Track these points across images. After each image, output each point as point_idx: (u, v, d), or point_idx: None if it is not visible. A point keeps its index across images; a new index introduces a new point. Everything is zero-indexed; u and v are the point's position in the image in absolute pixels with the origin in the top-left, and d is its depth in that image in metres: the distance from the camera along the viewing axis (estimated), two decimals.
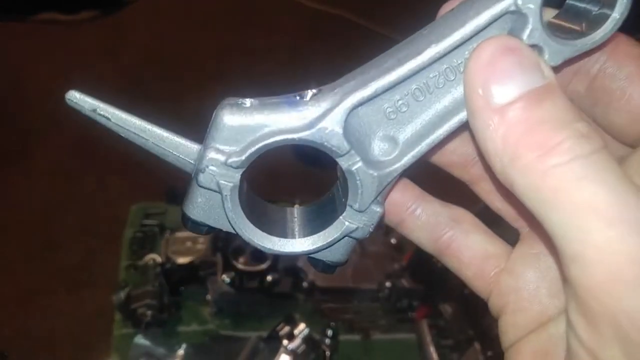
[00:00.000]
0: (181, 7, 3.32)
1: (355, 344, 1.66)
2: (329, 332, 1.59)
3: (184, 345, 1.60)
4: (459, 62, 0.41)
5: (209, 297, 1.70)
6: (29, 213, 2.31)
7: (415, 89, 0.41)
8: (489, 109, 0.35)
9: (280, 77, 2.73)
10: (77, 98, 0.42)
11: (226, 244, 1.67)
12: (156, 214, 1.87)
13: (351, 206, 0.43)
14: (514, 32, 0.39)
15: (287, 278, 1.68)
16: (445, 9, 0.43)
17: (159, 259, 1.71)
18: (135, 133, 0.43)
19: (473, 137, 0.38)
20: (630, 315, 0.31)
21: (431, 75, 0.41)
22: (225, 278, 1.63)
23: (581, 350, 0.34)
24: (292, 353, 1.52)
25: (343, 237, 0.45)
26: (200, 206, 0.44)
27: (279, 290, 1.67)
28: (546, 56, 0.38)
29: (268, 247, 0.45)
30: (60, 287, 2.08)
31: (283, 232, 0.47)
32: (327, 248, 0.46)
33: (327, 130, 0.40)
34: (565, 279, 0.34)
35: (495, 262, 0.48)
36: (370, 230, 0.45)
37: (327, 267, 0.47)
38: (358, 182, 0.42)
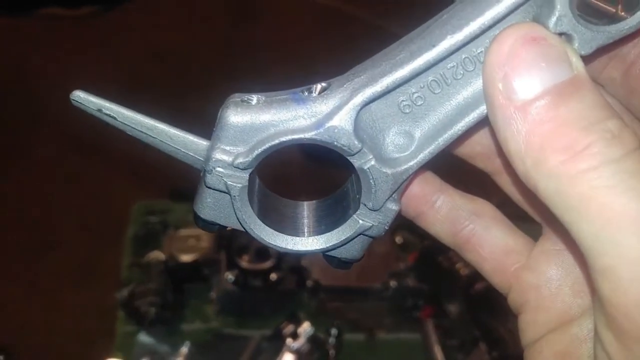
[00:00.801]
0: (183, 1, 3.30)
1: (360, 344, 1.65)
2: (333, 331, 1.57)
3: (187, 344, 1.60)
4: (479, 51, 0.38)
5: (212, 295, 1.69)
6: (32, 210, 2.30)
7: (431, 80, 0.39)
8: (510, 105, 0.33)
9: (287, 72, 2.72)
10: (81, 98, 0.41)
11: (230, 242, 1.66)
12: (160, 211, 1.87)
13: (365, 204, 0.42)
14: (540, 19, 0.36)
15: (291, 276, 1.67)
16: None
17: (162, 256, 1.70)
18: (142, 131, 0.42)
19: (493, 132, 0.36)
20: None
21: (449, 66, 0.39)
22: (229, 276, 1.63)
23: None
24: (296, 352, 1.51)
25: (357, 236, 0.44)
26: (210, 206, 0.43)
27: (283, 288, 1.66)
28: (576, 44, 0.35)
29: (280, 245, 0.44)
30: (64, 284, 2.08)
31: (295, 229, 0.45)
32: (340, 247, 0.44)
33: (337, 129, 0.39)
34: (593, 291, 0.33)
35: (516, 258, 0.47)
36: (386, 228, 0.43)
37: (342, 264, 0.46)
38: (371, 181, 0.41)
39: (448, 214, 0.47)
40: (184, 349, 1.59)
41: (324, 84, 0.40)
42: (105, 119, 0.42)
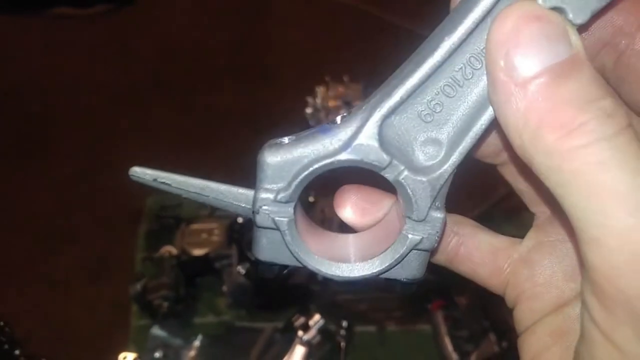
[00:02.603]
0: (194, 0, 3.32)
1: (371, 335, 1.66)
2: (344, 323, 1.59)
3: (200, 337, 1.62)
4: (482, 47, 0.39)
5: (224, 288, 1.71)
6: (47, 205, 2.33)
7: (444, 85, 0.40)
8: (511, 82, 0.33)
9: (296, 70, 2.73)
10: (138, 172, 0.46)
11: (241, 236, 1.68)
12: (172, 206, 1.89)
13: (410, 217, 0.42)
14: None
15: (302, 269, 1.67)
16: None
17: (174, 250, 1.72)
18: (195, 192, 0.45)
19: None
20: None
21: (456, 69, 0.40)
22: (241, 269, 1.64)
23: (595, 331, 0.34)
24: (307, 344, 1.53)
25: (410, 251, 0.44)
26: (266, 247, 0.45)
27: (294, 281, 1.67)
28: (570, 16, 0.35)
29: (337, 274, 0.45)
30: (78, 278, 2.10)
31: (347, 257, 0.46)
32: (396, 266, 0.45)
33: (364, 147, 0.40)
34: (581, 261, 0.34)
35: (506, 253, 0.48)
36: (437, 238, 0.43)
37: (405, 286, 0.46)
38: (409, 191, 0.41)
39: None
40: (197, 342, 1.61)
41: (345, 114, 0.42)
42: (161, 187, 0.45)
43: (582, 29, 0.36)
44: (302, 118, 1.88)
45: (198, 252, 1.70)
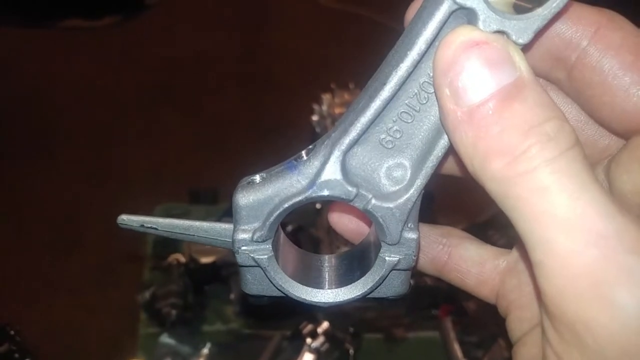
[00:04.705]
0: (200, 10, 3.34)
1: (379, 342, 1.65)
2: (352, 330, 1.58)
3: (208, 344, 1.62)
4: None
5: (232, 296, 1.71)
6: (55, 213, 2.34)
7: (402, 112, 0.41)
8: (457, 110, 0.34)
9: (302, 78, 2.74)
10: (126, 219, 0.48)
11: None
12: (179, 214, 1.89)
13: (384, 241, 0.44)
14: (471, 24, 0.36)
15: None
16: (409, 13, 0.41)
17: (182, 258, 1.72)
18: (181, 232, 0.47)
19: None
20: (585, 324, 0.31)
21: (411, 95, 0.40)
22: None
23: (549, 352, 0.35)
24: (315, 351, 1.52)
25: (389, 273, 0.45)
26: (252, 281, 0.46)
27: None
28: (513, 37, 0.35)
29: (322, 301, 0.47)
30: (86, 286, 2.11)
31: (330, 282, 0.48)
32: (378, 286, 0.46)
33: (329, 182, 0.41)
34: (535, 284, 0.35)
35: (493, 263, 0.49)
36: (414, 257, 0.44)
37: (392, 301, 0.48)
38: (379, 219, 0.42)
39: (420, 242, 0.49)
40: (205, 350, 1.61)
41: (310, 147, 0.44)
42: (149, 231, 0.48)
43: (527, 47, 0.36)
44: (308, 126, 1.89)
45: (206, 259, 1.70)
